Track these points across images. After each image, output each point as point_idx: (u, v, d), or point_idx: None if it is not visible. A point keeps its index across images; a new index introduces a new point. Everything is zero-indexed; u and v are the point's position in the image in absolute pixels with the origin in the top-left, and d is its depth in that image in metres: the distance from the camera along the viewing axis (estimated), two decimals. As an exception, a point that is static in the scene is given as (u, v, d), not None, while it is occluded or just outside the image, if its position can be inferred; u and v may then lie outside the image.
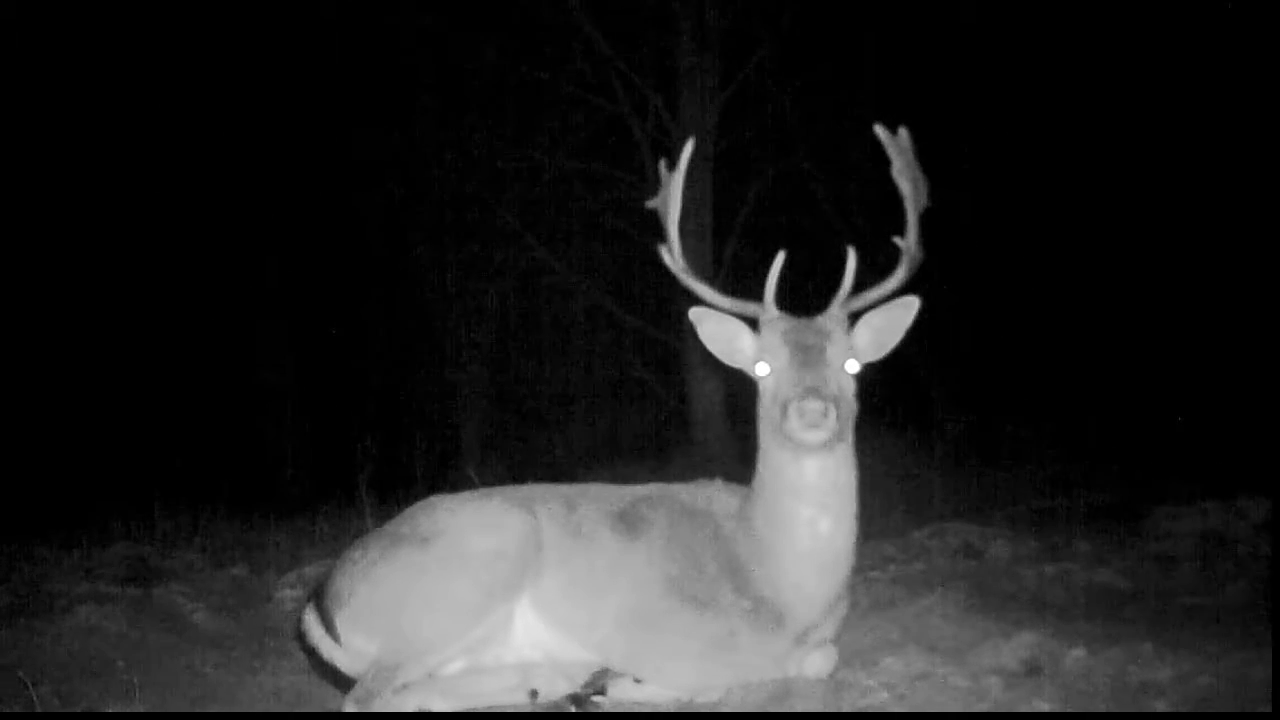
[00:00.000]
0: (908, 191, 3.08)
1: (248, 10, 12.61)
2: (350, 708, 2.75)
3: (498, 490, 3.29)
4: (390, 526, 3.10)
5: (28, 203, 12.98)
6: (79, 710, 2.88)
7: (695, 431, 9.52)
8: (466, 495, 3.19)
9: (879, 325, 2.91)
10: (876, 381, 3.08)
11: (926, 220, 3.03)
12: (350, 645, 2.89)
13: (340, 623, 2.89)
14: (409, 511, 3.12)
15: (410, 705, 2.77)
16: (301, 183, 14.34)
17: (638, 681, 2.85)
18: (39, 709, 2.81)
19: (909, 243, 3.01)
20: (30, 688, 2.87)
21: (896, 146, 3.07)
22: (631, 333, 12.23)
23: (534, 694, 2.87)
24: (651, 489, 3.22)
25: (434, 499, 3.16)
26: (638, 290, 12.38)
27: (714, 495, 3.13)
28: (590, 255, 12.80)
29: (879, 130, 3.07)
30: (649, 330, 11.12)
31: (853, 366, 2.83)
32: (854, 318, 2.93)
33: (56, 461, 12.09)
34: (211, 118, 13.81)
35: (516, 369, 14.81)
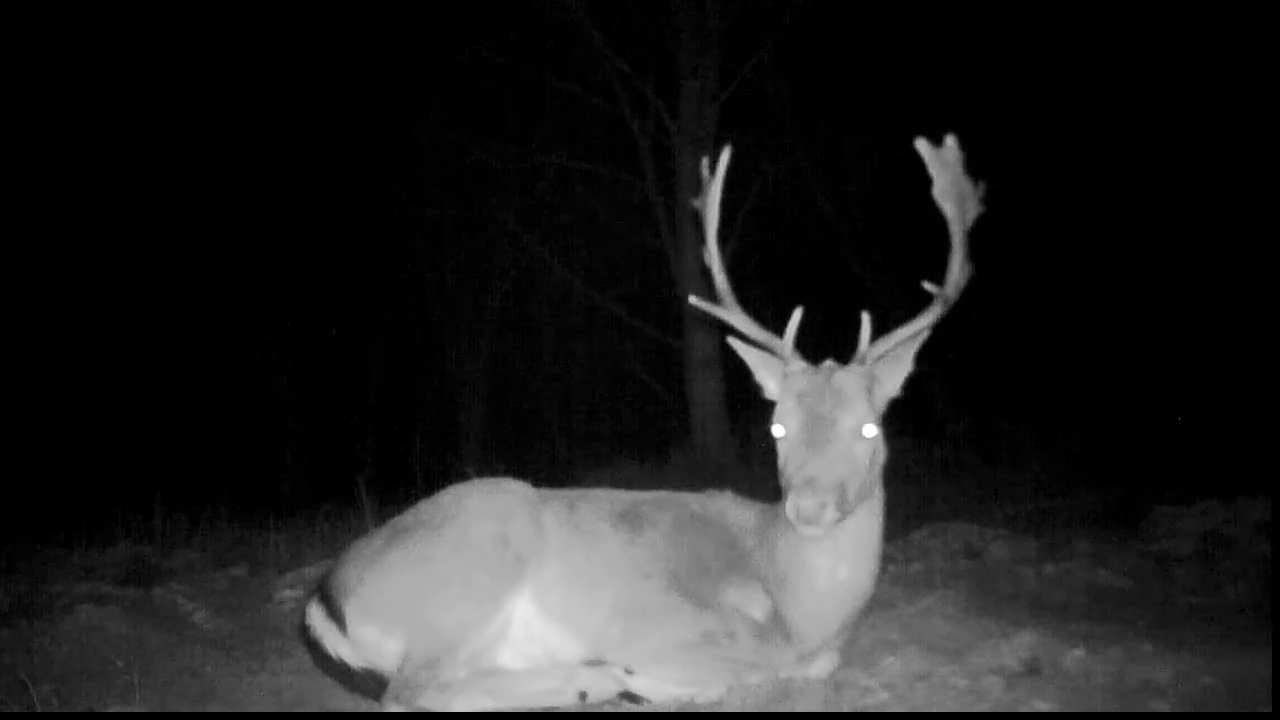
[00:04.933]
0: (953, 214, 2.81)
1: (247, 11, 12.61)
2: (394, 707, 2.71)
3: (505, 481, 3.23)
4: (396, 519, 3.10)
5: (29, 206, 12.98)
6: (79, 710, 2.87)
7: (695, 431, 9.53)
8: (472, 484, 3.18)
9: (906, 363, 2.87)
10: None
11: (926, 225, 2.91)
12: (358, 636, 2.85)
13: (349, 612, 2.86)
14: (416, 505, 3.12)
15: (457, 705, 2.72)
16: (301, 184, 14.35)
17: (629, 672, 2.83)
18: (39, 709, 2.81)
19: (952, 272, 2.81)
20: (30, 688, 2.87)
21: (940, 161, 2.79)
22: (631, 333, 12.24)
23: (583, 695, 2.82)
24: (658, 495, 3.23)
25: (439, 492, 3.16)
26: (637, 290, 12.39)
27: (726, 508, 3.13)
28: (590, 255, 12.81)
29: (921, 145, 2.77)
30: (649, 330, 11.12)
31: (869, 431, 2.74)
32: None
33: (57, 462, 12.10)
34: (211, 120, 13.82)
35: (516, 369, 14.82)
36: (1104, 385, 9.83)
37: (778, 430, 2.82)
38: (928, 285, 2.83)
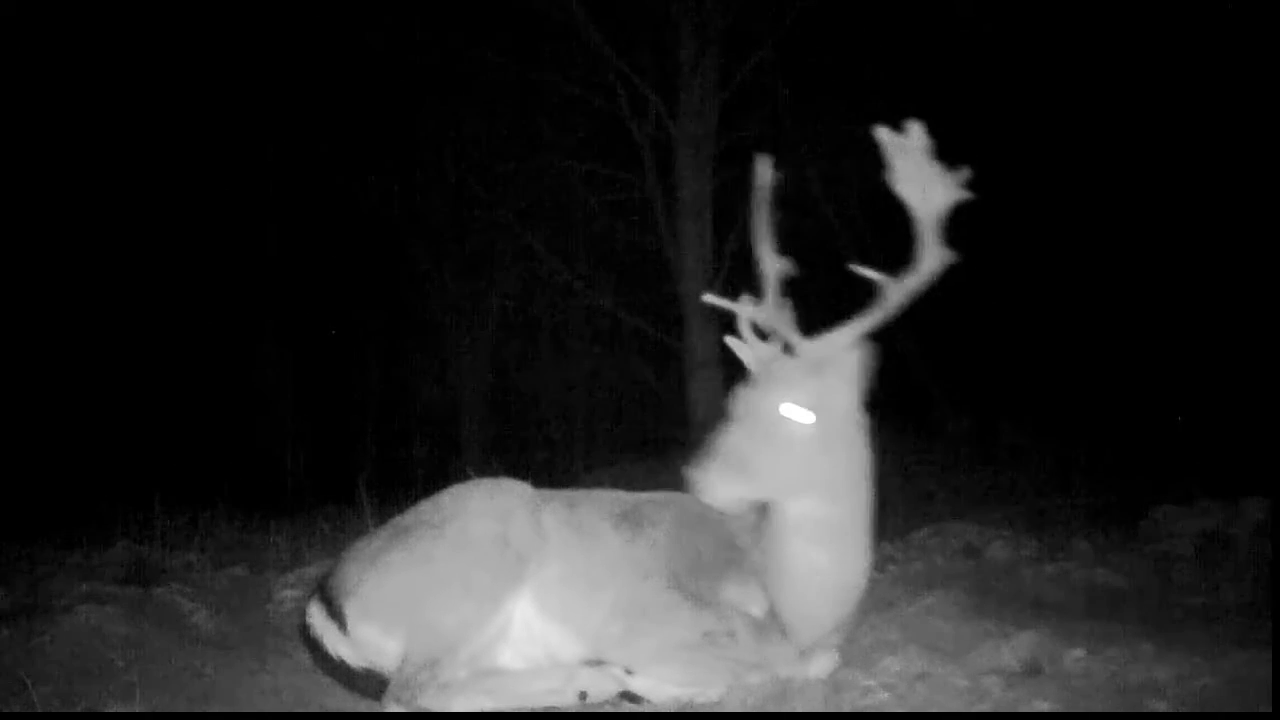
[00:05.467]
0: (914, 201, 2.76)
1: (248, 10, 12.61)
2: (394, 707, 2.71)
3: (505, 481, 3.24)
4: (397, 519, 3.10)
5: (28, 204, 12.98)
6: (79, 710, 2.87)
7: (695, 431, 9.52)
8: (472, 484, 3.18)
9: (848, 371, 2.80)
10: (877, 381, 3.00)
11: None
12: (358, 636, 2.85)
13: (349, 612, 2.86)
14: (417, 505, 3.13)
15: (457, 705, 2.72)
16: (301, 184, 14.35)
17: (629, 673, 2.83)
18: (39, 709, 2.81)
19: (918, 261, 2.78)
20: (30, 688, 2.87)
21: (901, 148, 2.75)
22: (631, 333, 12.23)
23: (583, 695, 2.82)
24: (658, 495, 3.23)
25: (440, 492, 3.16)
26: (638, 290, 12.39)
27: None
28: (590, 255, 12.81)
29: (881, 134, 2.74)
30: (649, 330, 11.11)
31: (794, 413, 2.72)
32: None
33: (57, 462, 12.09)
34: (212, 120, 13.81)
35: (516, 369, 14.81)
36: (1104, 385, 9.84)
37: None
38: (866, 270, 2.81)
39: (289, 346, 15.88)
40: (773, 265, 2.99)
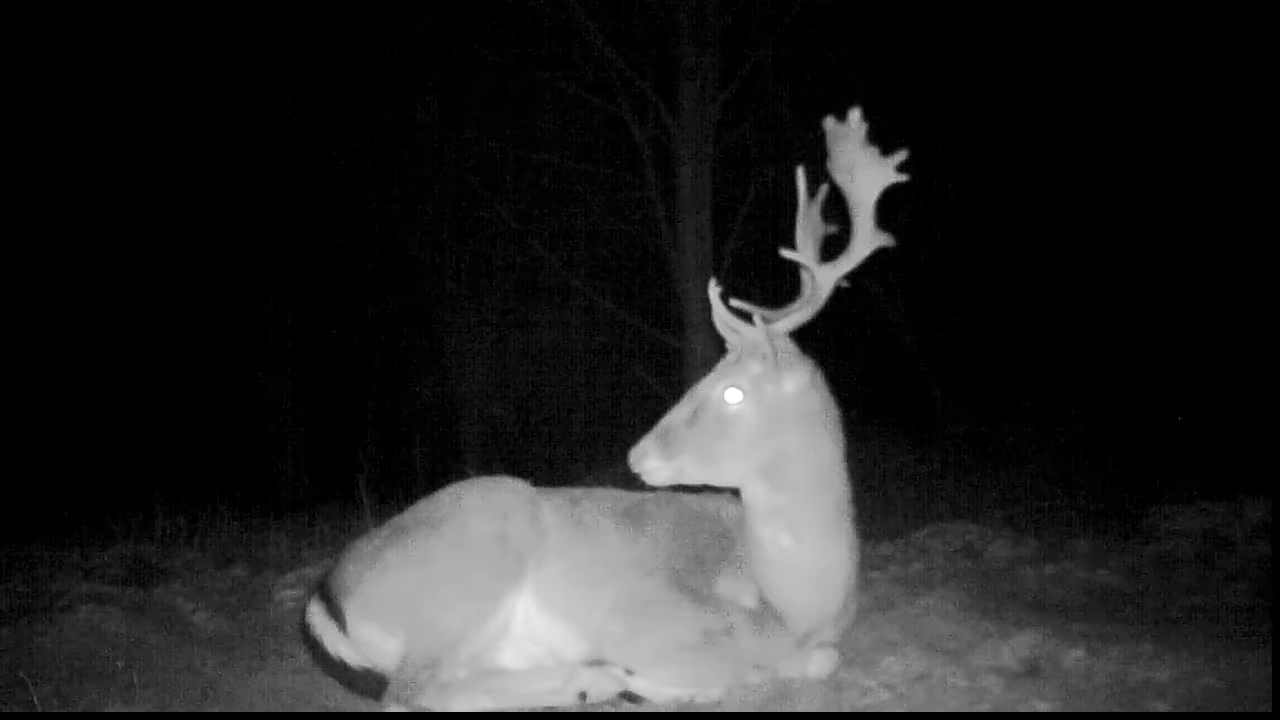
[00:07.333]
0: (844, 185, 2.82)
1: (248, 10, 12.61)
2: (394, 708, 2.71)
3: (503, 479, 3.23)
4: (396, 519, 3.10)
5: (27, 203, 12.98)
6: (79, 710, 2.87)
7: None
8: (470, 482, 3.18)
9: (783, 359, 2.85)
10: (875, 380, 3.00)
11: (920, 220, 2.83)
12: (358, 635, 2.86)
13: (349, 611, 2.86)
14: (415, 504, 3.13)
15: (457, 705, 2.72)
16: (302, 184, 14.36)
17: (629, 672, 2.83)
18: (39, 709, 2.81)
19: (851, 248, 2.80)
20: (30, 688, 2.86)
21: (839, 136, 2.79)
22: (631, 333, 12.22)
23: (583, 695, 2.82)
24: (660, 494, 3.23)
25: (438, 491, 3.15)
26: (638, 290, 12.38)
27: (723, 505, 3.16)
28: (590, 255, 12.80)
29: (826, 123, 2.79)
30: (649, 330, 11.11)
31: (732, 397, 2.80)
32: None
33: (56, 462, 12.10)
34: (213, 119, 13.82)
35: (516, 369, 14.81)
36: (1104, 386, 9.83)
37: None
38: (794, 255, 2.84)
39: (289, 347, 15.88)
40: (811, 273, 2.96)
